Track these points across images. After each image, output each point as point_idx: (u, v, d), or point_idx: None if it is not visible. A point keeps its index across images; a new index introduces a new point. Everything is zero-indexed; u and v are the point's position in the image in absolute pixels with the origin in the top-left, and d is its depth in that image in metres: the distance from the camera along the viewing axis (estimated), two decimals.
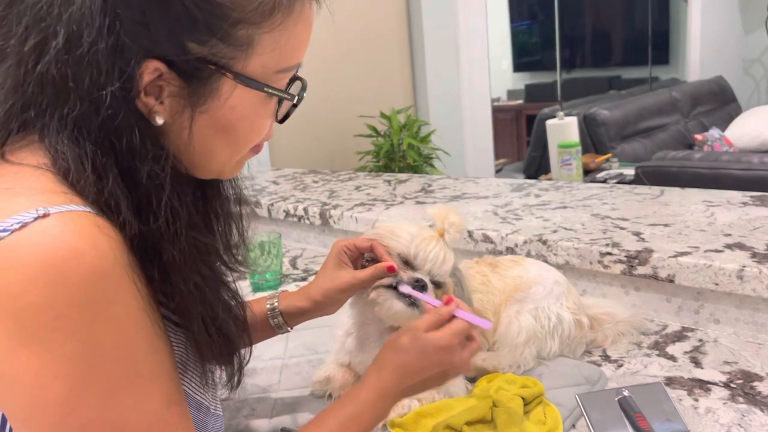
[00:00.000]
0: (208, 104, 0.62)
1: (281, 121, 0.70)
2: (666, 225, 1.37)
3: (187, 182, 0.64)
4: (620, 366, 1.08)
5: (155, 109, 0.60)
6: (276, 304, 0.96)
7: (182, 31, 0.58)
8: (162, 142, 0.61)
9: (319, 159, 3.12)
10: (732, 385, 0.99)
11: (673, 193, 1.65)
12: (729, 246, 1.20)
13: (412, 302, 0.90)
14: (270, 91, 0.65)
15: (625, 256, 1.23)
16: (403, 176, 2.29)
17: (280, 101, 0.68)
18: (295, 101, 0.69)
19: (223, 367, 0.72)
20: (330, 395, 1.03)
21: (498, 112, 8.24)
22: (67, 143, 0.57)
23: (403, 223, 1.01)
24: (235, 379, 0.73)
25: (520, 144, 7.59)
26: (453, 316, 0.82)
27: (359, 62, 3.37)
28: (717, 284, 1.13)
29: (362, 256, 0.97)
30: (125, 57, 0.56)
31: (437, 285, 0.94)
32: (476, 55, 3.75)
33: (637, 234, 1.32)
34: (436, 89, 3.68)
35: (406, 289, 0.89)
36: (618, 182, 3.64)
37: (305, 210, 1.90)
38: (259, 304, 0.97)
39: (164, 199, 0.59)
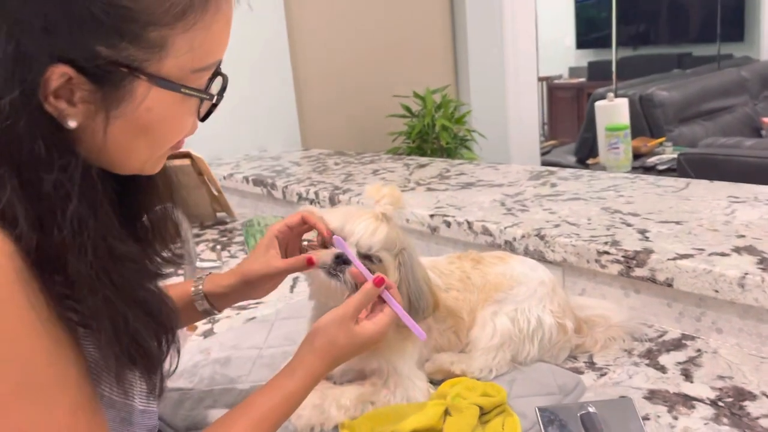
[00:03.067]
0: (123, 107, 0.60)
1: (203, 119, 0.68)
2: (677, 223, 1.27)
3: (103, 186, 0.62)
4: (603, 375, 1.01)
5: (66, 112, 0.58)
6: (201, 287, 0.95)
7: (89, 36, 0.56)
8: (73, 147, 0.59)
9: (351, 139, 3.09)
10: (720, 404, 0.91)
11: (698, 187, 1.53)
12: (737, 249, 1.10)
13: (333, 274, 0.87)
14: (187, 92, 0.63)
15: (623, 257, 1.14)
16: (424, 160, 2.23)
17: (201, 100, 0.66)
18: (214, 100, 0.67)
19: (140, 376, 0.69)
20: None
21: (557, 90, 8.01)
22: None
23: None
24: (157, 390, 0.69)
25: (579, 124, 7.32)
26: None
27: (396, 39, 3.30)
28: (717, 291, 1.03)
29: (299, 237, 0.95)
30: (27, 63, 0.55)
31: (371, 260, 0.90)
32: (524, 30, 3.60)
33: (642, 232, 1.23)
34: (478, 67, 3.56)
35: (339, 243, 0.87)
36: (668, 169, 3.46)
37: (316, 194, 1.87)
38: (184, 287, 0.96)
39: (70, 210, 0.57)
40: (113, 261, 0.60)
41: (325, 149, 2.74)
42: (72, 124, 0.58)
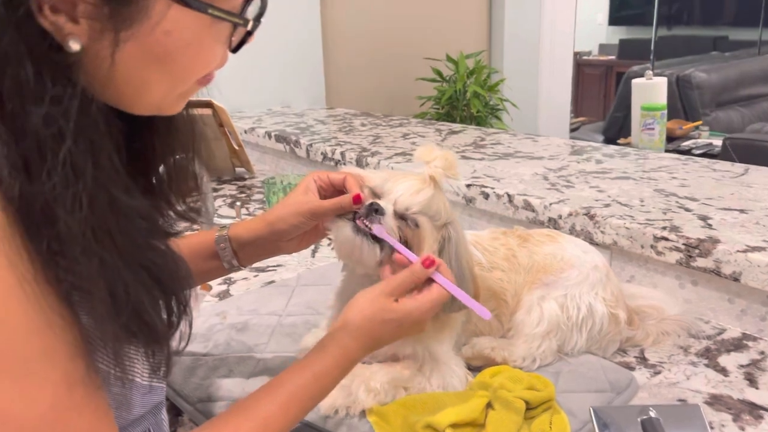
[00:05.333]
0: (136, 28, 0.48)
1: (234, 50, 0.56)
2: (742, 211, 1.16)
3: (107, 126, 0.51)
4: (657, 373, 0.92)
5: (66, 30, 0.47)
6: (226, 232, 0.85)
7: None
8: (71, 74, 0.48)
9: (377, 101, 2.96)
10: None
11: (759, 173, 1.42)
12: None
13: (362, 230, 0.76)
14: (216, 13, 0.51)
15: (684, 244, 1.04)
16: (457, 127, 2.11)
17: (235, 26, 0.54)
18: (249, 27, 0.55)
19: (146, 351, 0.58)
20: None
21: (586, 66, 7.79)
22: None
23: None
24: (161, 369, 0.58)
25: (607, 102, 7.12)
26: (430, 279, 0.73)
27: (430, 0, 3.14)
28: None
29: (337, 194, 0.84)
30: None
31: (407, 222, 0.79)
32: (562, 3, 3.44)
33: (704, 218, 1.12)
34: (513, 35, 3.41)
35: (378, 230, 0.76)
36: (704, 154, 3.31)
37: (342, 154, 1.77)
38: (208, 235, 0.86)
39: (63, 152, 0.46)
40: (115, 217, 0.50)
41: (350, 109, 2.63)
42: (75, 46, 0.47)
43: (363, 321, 0.70)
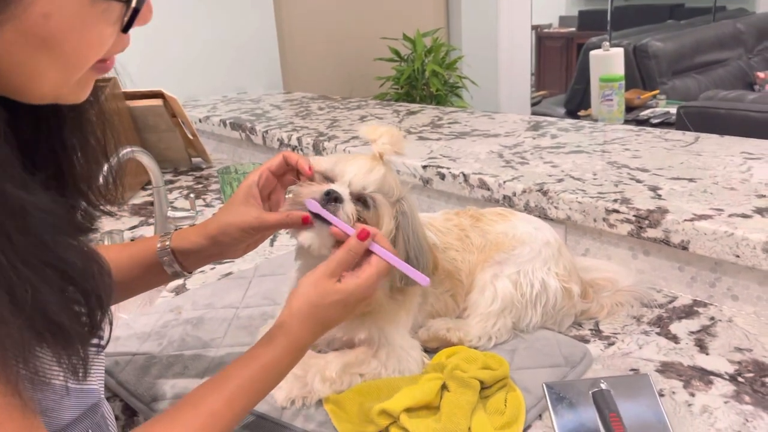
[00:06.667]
0: (10, 11, 0.46)
1: (124, 30, 0.52)
2: (690, 180, 1.18)
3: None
4: (611, 344, 0.93)
5: None
6: (168, 243, 0.83)
7: None
8: None
9: (335, 83, 2.93)
10: (740, 379, 0.83)
11: (709, 141, 1.44)
12: (760, 210, 1.01)
13: (322, 222, 0.75)
14: None
15: (634, 216, 1.05)
16: (415, 107, 2.10)
17: (124, 4, 0.50)
18: (134, 3, 0.51)
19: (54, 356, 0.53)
20: None
21: (546, 39, 7.80)
22: None
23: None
24: (80, 372, 0.53)
25: (569, 75, 7.14)
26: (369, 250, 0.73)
27: None
28: (738, 256, 0.95)
29: (282, 187, 0.83)
30: None
31: (365, 203, 0.79)
32: None
33: (654, 189, 1.14)
34: (471, 11, 3.40)
35: (312, 205, 0.75)
36: (661, 123, 3.36)
37: (299, 140, 1.75)
38: (149, 243, 0.84)
39: None
40: (9, 214, 0.47)
41: (308, 93, 2.59)
42: None
43: (309, 307, 0.70)
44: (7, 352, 0.47)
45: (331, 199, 0.76)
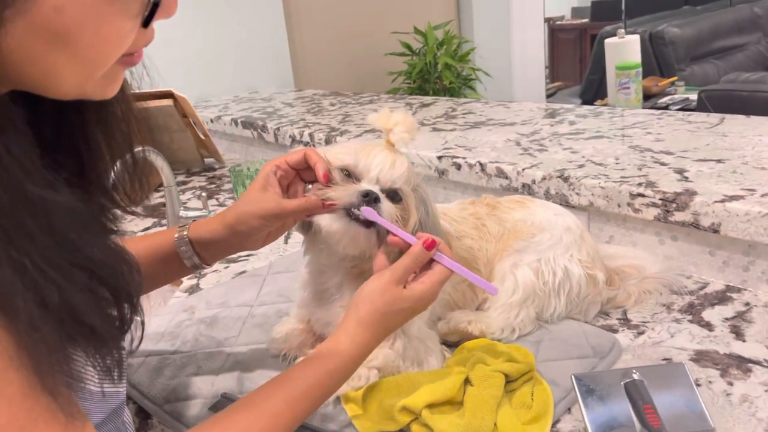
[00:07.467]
0: (21, 4, 0.43)
1: (145, 24, 0.50)
2: (719, 161, 1.13)
3: (9, 116, 0.46)
4: (641, 333, 0.89)
5: None
6: (186, 233, 0.80)
7: None
8: None
9: (347, 80, 2.90)
10: None
11: (735, 122, 1.38)
12: None
13: (358, 221, 0.73)
14: None
15: (660, 199, 1.00)
16: (428, 100, 2.06)
17: None
18: None
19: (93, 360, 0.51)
20: (285, 356, 0.88)
21: (559, 31, 7.71)
22: None
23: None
24: (114, 374, 0.52)
25: (582, 67, 7.05)
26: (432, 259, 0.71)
27: None
28: None
29: (302, 180, 0.79)
30: None
31: (393, 198, 0.75)
32: None
33: (681, 171, 1.09)
34: (482, 3, 3.35)
35: (369, 213, 0.71)
36: (681, 109, 3.29)
37: (311, 135, 1.72)
38: (167, 235, 0.81)
39: None
40: (32, 214, 0.44)
41: (319, 90, 2.57)
42: None
43: (377, 315, 0.68)
44: (42, 358, 0.44)
45: (371, 200, 0.72)
